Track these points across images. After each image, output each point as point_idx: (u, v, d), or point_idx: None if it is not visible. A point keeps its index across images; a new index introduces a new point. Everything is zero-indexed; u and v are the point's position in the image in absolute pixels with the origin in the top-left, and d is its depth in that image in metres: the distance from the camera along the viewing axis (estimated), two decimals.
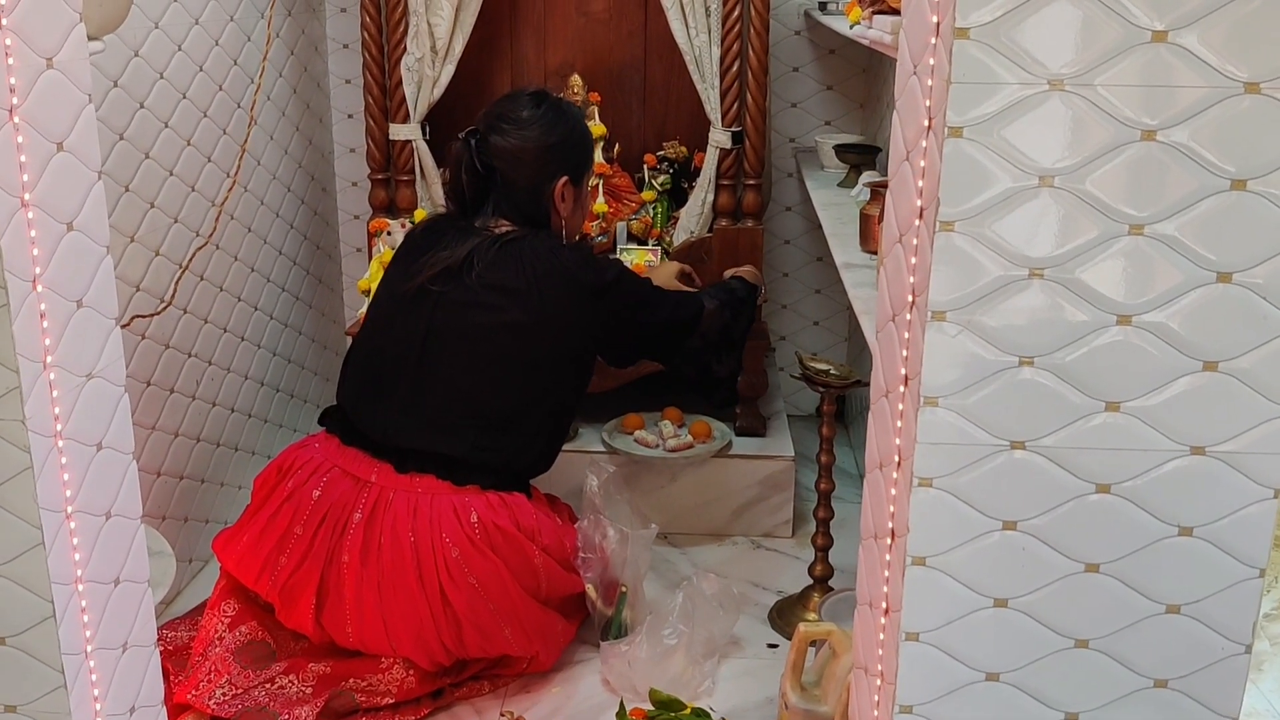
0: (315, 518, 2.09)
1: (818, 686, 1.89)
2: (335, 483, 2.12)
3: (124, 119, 2.22)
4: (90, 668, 1.38)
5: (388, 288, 2.27)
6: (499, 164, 2.22)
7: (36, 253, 1.26)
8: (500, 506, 2.10)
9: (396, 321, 2.20)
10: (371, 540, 2.06)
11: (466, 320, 2.14)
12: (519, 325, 2.14)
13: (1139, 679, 1.31)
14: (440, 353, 2.15)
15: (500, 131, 2.23)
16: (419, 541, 2.05)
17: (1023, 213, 1.18)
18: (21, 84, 1.21)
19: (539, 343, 2.16)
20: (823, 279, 3.33)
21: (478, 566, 2.05)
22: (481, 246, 2.17)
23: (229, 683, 2.04)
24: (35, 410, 1.26)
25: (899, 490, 1.31)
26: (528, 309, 2.14)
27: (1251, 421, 1.23)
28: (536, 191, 2.24)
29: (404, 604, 2.04)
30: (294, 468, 2.16)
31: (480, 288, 2.14)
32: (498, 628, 2.09)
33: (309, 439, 2.25)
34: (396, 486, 2.10)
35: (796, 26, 3.17)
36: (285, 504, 2.12)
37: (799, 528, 2.76)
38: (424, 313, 2.16)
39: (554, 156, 2.24)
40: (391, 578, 2.04)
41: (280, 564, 2.09)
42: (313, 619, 2.07)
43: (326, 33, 3.20)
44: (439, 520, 2.06)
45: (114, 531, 1.42)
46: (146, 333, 2.32)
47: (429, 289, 2.15)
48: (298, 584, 2.07)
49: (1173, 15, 1.12)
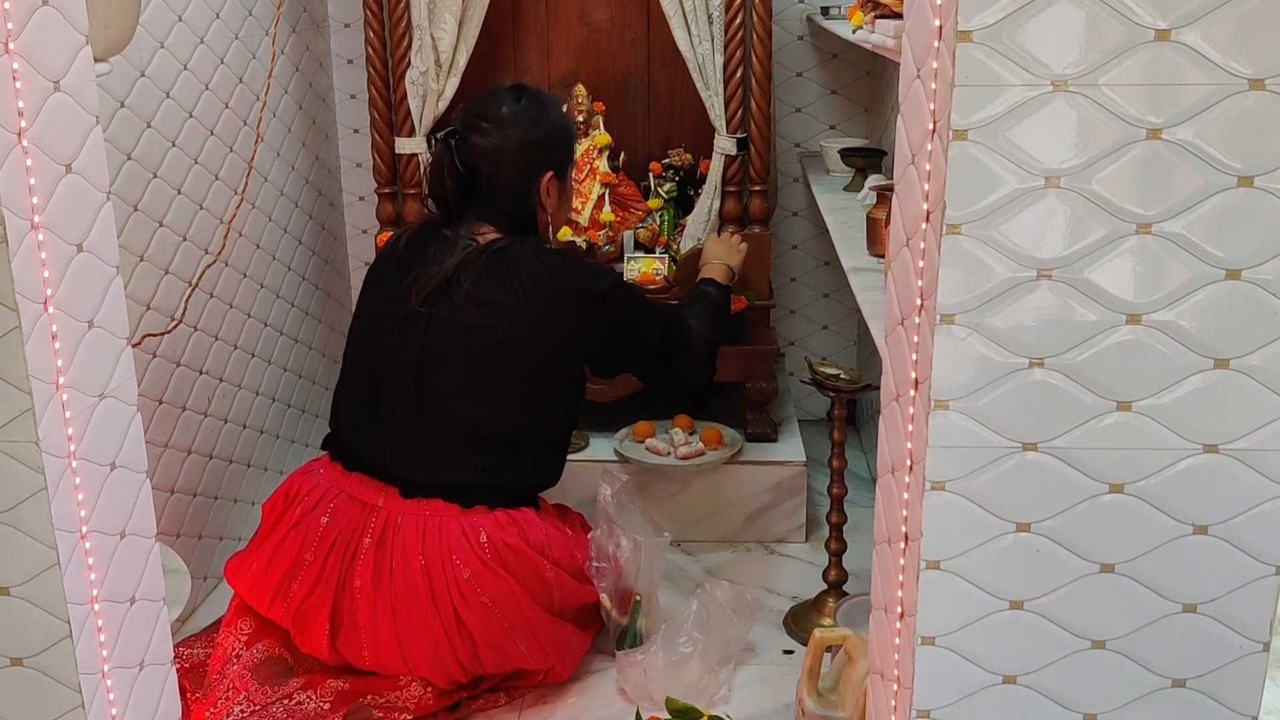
0: (325, 544, 2.09)
1: (834, 692, 1.88)
2: (342, 509, 2.11)
3: (132, 139, 2.23)
4: (107, 687, 1.39)
5: (375, 309, 2.21)
6: (481, 164, 2.16)
7: (47, 274, 1.26)
8: (509, 524, 2.09)
9: (389, 347, 2.15)
10: (383, 565, 2.05)
11: (459, 342, 2.11)
12: (511, 342, 2.10)
13: (1157, 679, 1.31)
14: (435, 378, 2.12)
15: (480, 131, 2.17)
16: (429, 564, 2.04)
17: (1030, 214, 1.18)
18: (29, 107, 1.22)
19: (533, 357, 2.13)
20: (831, 283, 3.32)
21: (490, 586, 2.05)
22: (468, 261, 2.11)
23: (247, 699, 2.04)
24: (49, 431, 1.27)
25: (911, 494, 1.30)
26: (518, 324, 2.10)
27: (1264, 418, 1.22)
28: (522, 190, 2.20)
29: (418, 626, 2.04)
30: (300, 494, 2.15)
31: (469, 306, 2.10)
32: (513, 644, 2.09)
33: (313, 463, 2.24)
34: (404, 511, 2.09)
35: (799, 31, 3.17)
36: (293, 531, 2.11)
37: (812, 533, 2.76)
38: (415, 336, 2.12)
39: (537, 153, 2.19)
40: (405, 601, 2.04)
41: (293, 591, 2.08)
42: (328, 644, 2.07)
43: (331, 48, 3.21)
44: (448, 542, 2.05)
45: (129, 550, 1.42)
46: (158, 351, 2.33)
47: (419, 311, 2.11)
48: (310, 610, 2.07)
49: (1176, 13, 1.12)
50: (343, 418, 2.24)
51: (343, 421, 2.23)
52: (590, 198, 2.92)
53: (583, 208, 2.91)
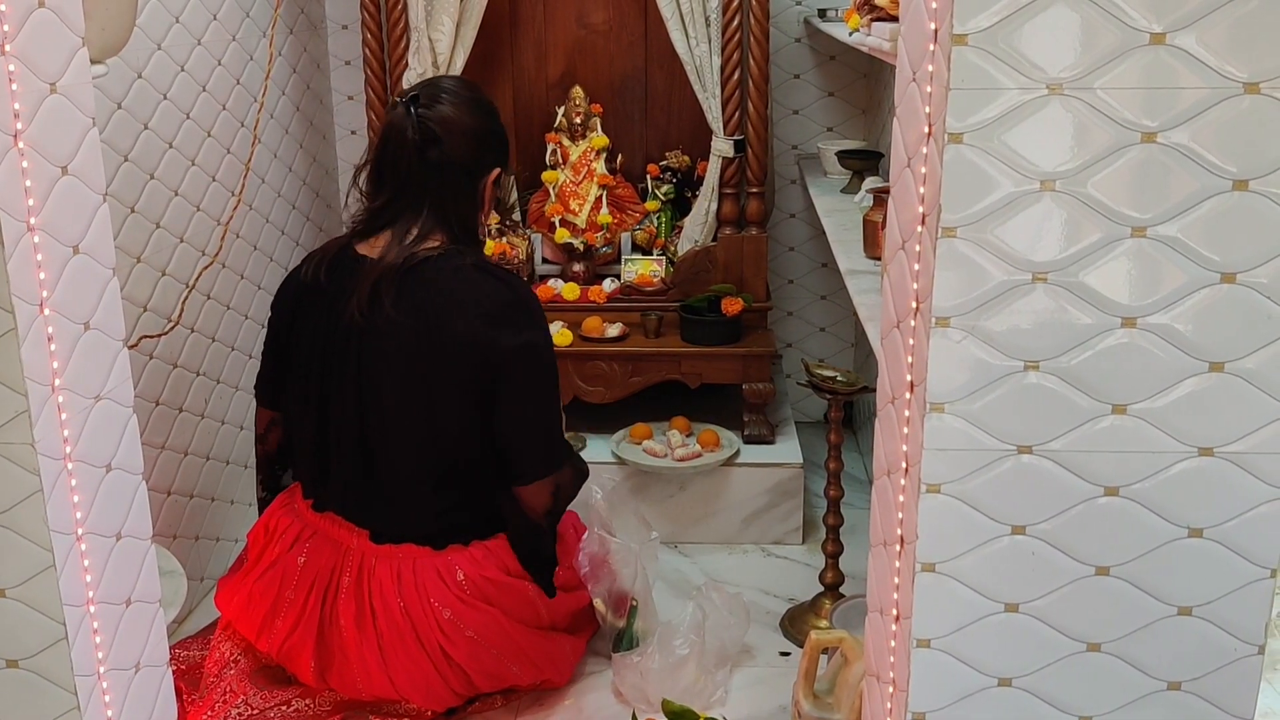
0: (304, 584, 2.06)
1: (830, 694, 1.88)
2: (318, 549, 2.08)
3: (128, 140, 2.23)
4: (103, 689, 1.39)
5: (307, 355, 2.06)
6: (441, 133, 1.99)
7: (43, 276, 1.26)
8: (485, 558, 2.07)
9: (330, 400, 2.04)
10: (363, 605, 2.03)
11: (387, 393, 2.00)
12: (427, 379, 1.98)
13: (1152, 681, 1.31)
14: (373, 436, 2.02)
15: (440, 101, 2.02)
16: (409, 607, 2.02)
17: (1025, 217, 1.18)
18: (25, 109, 1.22)
19: (451, 394, 1.99)
20: (828, 285, 3.33)
21: (472, 621, 2.03)
22: (383, 283, 1.96)
23: (245, 703, 2.04)
24: (44, 433, 1.27)
25: (907, 497, 1.30)
26: (434, 357, 1.97)
27: (1259, 421, 1.22)
28: (475, 174, 2.05)
29: (407, 664, 2.02)
30: (278, 532, 2.12)
31: (389, 340, 1.97)
32: (504, 668, 2.08)
33: (288, 496, 2.19)
34: (377, 554, 2.05)
35: (796, 34, 3.17)
36: (271, 569, 2.09)
37: (809, 535, 2.76)
38: (349, 390, 2.01)
39: (489, 143, 2.08)
40: (390, 641, 2.02)
41: (276, 628, 2.07)
42: (315, 678, 2.06)
43: (328, 50, 3.21)
44: (424, 586, 2.02)
45: (125, 552, 1.42)
46: (154, 352, 2.33)
47: (346, 358, 2.01)
48: (294, 647, 2.06)
49: (1171, 17, 1.12)
50: (298, 467, 2.17)
51: (298, 471, 2.18)
52: (587, 200, 2.92)
53: (580, 209, 2.92)
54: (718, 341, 2.76)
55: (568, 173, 2.93)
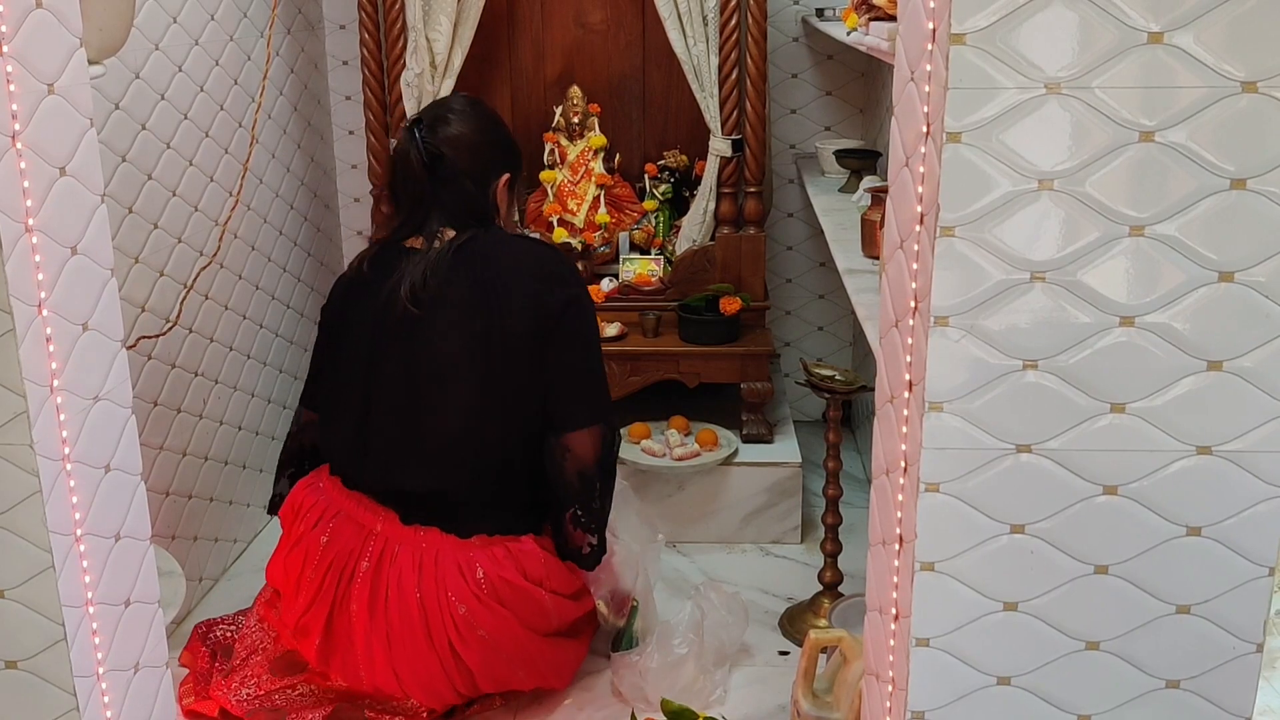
0: (323, 564, 2.09)
1: (829, 693, 1.88)
2: (341, 529, 2.10)
3: (126, 141, 2.23)
4: (103, 689, 1.39)
5: (353, 340, 2.15)
6: (445, 149, 2.11)
7: (41, 277, 1.26)
8: (506, 560, 2.08)
9: (378, 369, 2.11)
10: (379, 592, 2.05)
11: (441, 351, 2.07)
12: (485, 336, 2.06)
13: (1151, 680, 1.31)
14: (422, 393, 2.08)
15: (444, 121, 2.15)
16: (425, 599, 2.04)
17: (1023, 216, 1.18)
18: (23, 110, 1.22)
19: (509, 349, 2.08)
20: (826, 284, 3.33)
21: (485, 621, 2.05)
22: (435, 262, 2.08)
23: (255, 684, 2.10)
24: (43, 434, 1.27)
25: (906, 496, 1.31)
26: (490, 314, 2.06)
27: (1257, 420, 1.22)
28: (481, 179, 2.15)
29: (414, 657, 2.04)
30: (303, 510, 2.15)
31: (444, 306, 2.06)
32: (510, 671, 2.10)
33: (315, 476, 2.21)
34: (401, 539, 2.08)
35: (794, 33, 3.17)
36: (296, 548, 2.12)
37: (808, 534, 2.76)
38: (398, 354, 2.08)
39: (495, 151, 2.18)
40: (400, 632, 2.04)
41: (294, 604, 2.10)
42: (317, 656, 2.08)
43: (326, 50, 3.21)
44: (444, 579, 2.05)
45: (124, 553, 1.42)
46: (153, 353, 2.33)
47: (401, 329, 2.07)
48: (305, 626, 2.09)
49: (1169, 16, 1.12)
50: (334, 441, 2.19)
51: (334, 446, 2.20)
52: (585, 199, 2.92)
53: (578, 209, 2.92)
54: (716, 341, 2.76)
55: (565, 172, 2.93)
